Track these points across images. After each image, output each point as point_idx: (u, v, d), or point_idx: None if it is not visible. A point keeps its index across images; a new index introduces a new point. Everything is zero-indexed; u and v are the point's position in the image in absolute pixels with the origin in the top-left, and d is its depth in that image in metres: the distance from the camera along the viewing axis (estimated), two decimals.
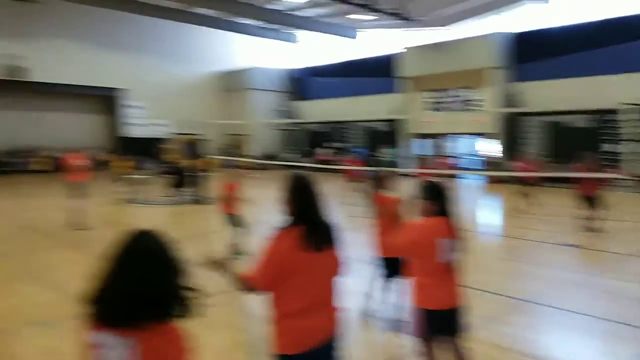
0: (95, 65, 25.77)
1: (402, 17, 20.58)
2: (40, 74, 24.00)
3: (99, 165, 17.52)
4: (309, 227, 2.52)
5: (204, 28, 26.92)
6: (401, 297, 4.66)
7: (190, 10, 24.12)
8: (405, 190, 4.98)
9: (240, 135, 29.43)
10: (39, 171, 23.53)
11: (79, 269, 7.42)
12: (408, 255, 3.49)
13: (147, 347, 1.73)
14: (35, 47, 24.16)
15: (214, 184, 7.64)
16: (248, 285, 2.55)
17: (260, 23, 25.48)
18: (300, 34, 28.66)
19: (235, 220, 7.75)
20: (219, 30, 27.19)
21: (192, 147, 22.50)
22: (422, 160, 16.44)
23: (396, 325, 4.80)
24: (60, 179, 10.68)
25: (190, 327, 1.85)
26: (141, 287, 1.75)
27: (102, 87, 26.41)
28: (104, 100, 27.76)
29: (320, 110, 27.85)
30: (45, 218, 11.52)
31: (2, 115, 24.93)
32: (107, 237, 6.94)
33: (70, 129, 25.97)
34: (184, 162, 15.14)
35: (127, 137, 26.98)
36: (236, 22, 26.07)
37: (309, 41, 29.44)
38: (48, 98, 25.99)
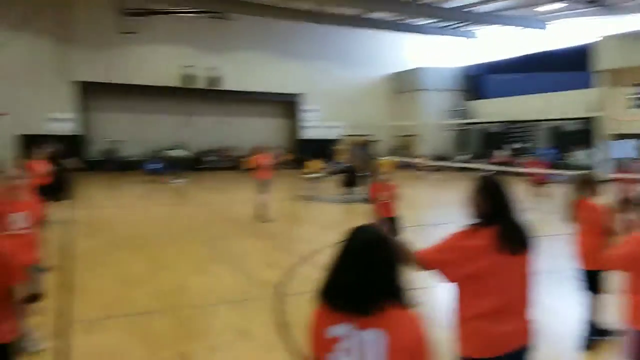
0: (277, 73, 27.95)
1: (599, 4, 18.26)
2: (231, 83, 26.99)
3: (281, 165, 18.87)
4: (505, 227, 2.41)
5: (374, 31, 27.35)
6: (605, 314, 4.14)
7: (363, 16, 24.70)
8: (606, 197, 4.44)
9: (410, 136, 29.21)
10: (229, 168, 26.43)
11: (263, 256, 8.07)
12: (624, 270, 3.05)
13: (391, 335, 1.72)
14: (227, 59, 27.15)
15: (378, 185, 7.51)
16: (418, 261, 2.46)
17: (435, 22, 24.95)
18: (479, 29, 27.33)
19: (389, 223, 7.33)
20: (389, 32, 27.35)
21: (364, 148, 22.96)
22: (623, 164, 14.33)
23: (596, 344, 4.17)
24: (248, 176, 11.66)
25: None
26: (377, 278, 1.77)
27: (283, 93, 28.63)
28: (285, 105, 30.04)
29: (497, 108, 26.13)
30: (235, 210, 12.75)
31: (203, 119, 28.53)
32: (287, 230, 7.41)
33: (256, 132, 28.50)
34: (356, 163, 15.52)
35: (304, 139, 28.82)
36: (410, 24, 25.94)
37: (486, 36, 27.93)
38: (237, 104, 29.02)
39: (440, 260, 2.42)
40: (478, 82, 28.87)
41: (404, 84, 30.25)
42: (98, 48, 24.69)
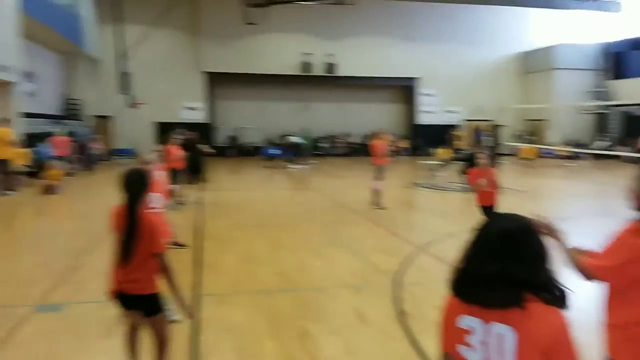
0: (394, 57, 27.45)
1: None
2: (347, 69, 27.10)
3: (398, 151, 18.70)
4: None
5: (498, 7, 25.62)
6: None
7: None
8: None
9: (539, 120, 27.12)
10: (345, 154, 26.74)
11: (379, 243, 8.02)
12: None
13: (521, 332, 1.60)
14: (344, 45, 27.27)
15: (477, 171, 7.04)
16: (586, 270, 2.21)
17: None
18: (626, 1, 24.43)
19: (486, 212, 6.80)
20: (515, 8, 25.46)
21: (487, 133, 21.75)
22: None
23: None
24: (365, 162, 11.65)
25: None
26: (513, 270, 1.62)
27: (400, 78, 28.08)
28: (401, 89, 29.48)
29: None
30: (351, 196, 12.85)
31: (320, 106, 29.09)
32: (403, 217, 7.22)
33: (371, 118, 28.39)
34: (478, 149, 14.77)
35: (420, 125, 28.11)
36: None
37: (632, 9, 24.87)
38: (353, 90, 29.09)
39: (607, 267, 2.17)
40: (620, 59, 25.88)
41: (534, 64, 28.07)
42: (224, 40, 26.21)
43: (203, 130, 23.57)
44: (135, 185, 3.12)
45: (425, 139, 26.01)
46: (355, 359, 3.90)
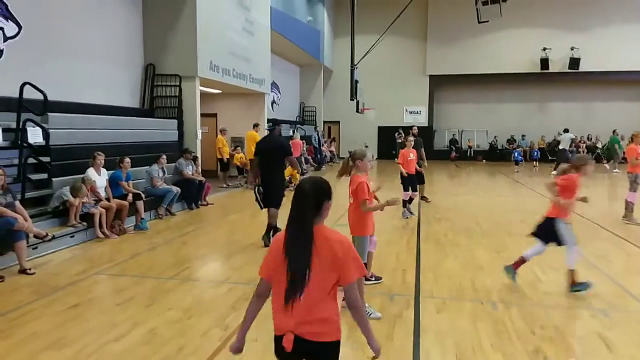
0: None
1: None
2: (592, 64, 23.89)
3: None
4: None
5: None
6: None
7: None
8: None
9: None
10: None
11: (630, 262, 6.76)
12: None
13: None
14: (587, 37, 24.11)
15: None
16: None
17: None
18: None
19: None
20: None
21: None
22: None
23: None
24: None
25: None
26: None
27: None
28: None
29: None
30: (596, 208, 11.18)
31: (558, 106, 26.34)
32: None
33: (620, 118, 24.54)
34: None
35: None
36: None
37: None
38: (598, 87, 25.55)
39: None
40: None
41: None
42: (452, 42, 25.79)
43: (425, 134, 23.67)
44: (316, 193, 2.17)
45: None
46: None
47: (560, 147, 19.12)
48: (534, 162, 22.55)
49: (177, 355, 3.82)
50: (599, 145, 24.94)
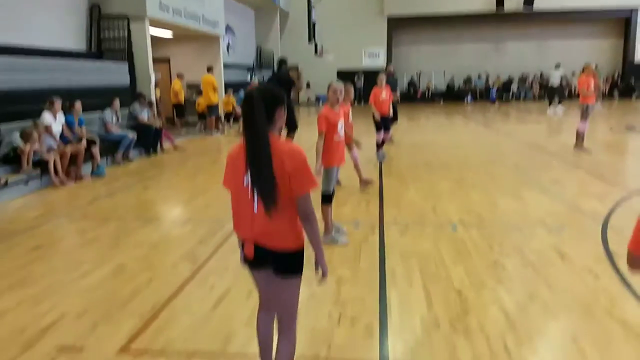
0: None
1: None
2: (545, 2, 24.08)
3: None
4: None
5: None
6: None
7: None
8: None
9: None
10: (540, 97, 24.40)
11: (581, 186, 7.12)
12: None
13: None
14: None
15: None
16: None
17: None
18: None
19: None
20: None
21: None
22: None
23: None
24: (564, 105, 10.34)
25: None
26: None
27: (612, 10, 24.11)
28: (613, 23, 25.36)
29: None
30: (549, 140, 11.68)
31: (513, 46, 26.68)
32: (610, 162, 6.28)
33: (574, 57, 25.13)
34: None
35: (637, 63, 24.09)
36: None
37: None
38: (552, 26, 25.90)
39: None
40: None
41: None
42: None
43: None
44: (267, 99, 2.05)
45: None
46: (556, 294, 3.52)
47: (555, 83, 19.15)
48: (495, 102, 23.03)
49: (147, 287, 3.82)
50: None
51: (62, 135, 8.06)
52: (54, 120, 7.87)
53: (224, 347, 2.91)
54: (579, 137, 9.72)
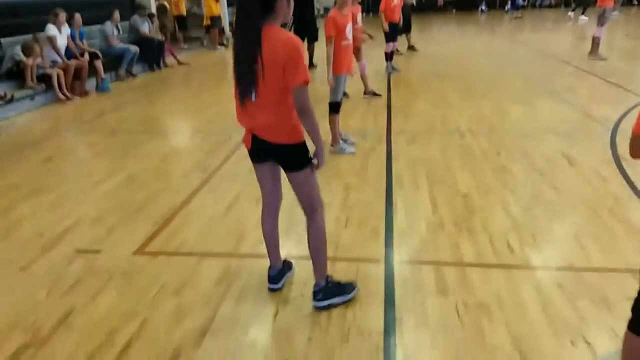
0: None
1: None
2: None
3: None
4: None
5: None
6: None
7: None
8: None
9: None
10: (556, 5, 23.24)
11: (594, 92, 6.96)
12: None
13: None
14: None
15: None
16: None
17: None
18: None
19: None
20: None
21: None
22: None
23: None
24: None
25: None
26: None
27: None
28: None
29: None
30: (564, 48, 11.28)
31: None
32: (624, 68, 6.05)
33: None
34: None
35: None
36: None
37: None
38: None
39: None
40: None
41: None
42: None
43: None
44: None
45: None
46: (562, 196, 3.56)
47: None
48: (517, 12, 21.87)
49: (160, 195, 3.90)
50: None
51: (67, 50, 7.89)
52: (59, 33, 7.66)
53: (235, 248, 3.02)
54: (595, 43, 9.35)
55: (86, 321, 2.35)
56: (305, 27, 8.91)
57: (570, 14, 17.25)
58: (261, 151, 2.19)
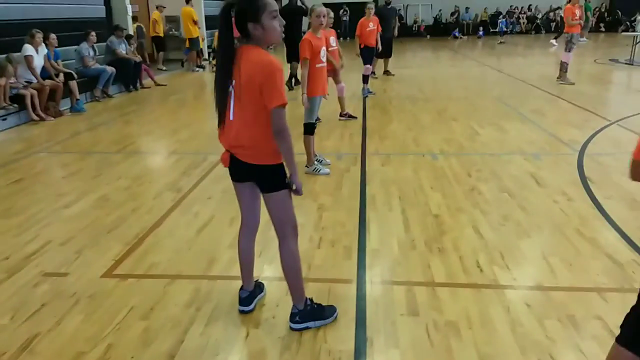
0: None
1: None
2: None
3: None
4: None
5: None
6: None
7: None
8: None
9: None
10: (526, 32, 23.96)
11: (561, 116, 7.17)
12: None
13: None
14: None
15: None
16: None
17: None
18: None
19: None
20: None
21: None
22: None
23: None
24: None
25: None
26: None
27: None
28: None
29: None
30: (533, 72, 11.64)
31: None
32: (591, 92, 6.28)
33: None
34: None
35: None
36: None
37: None
38: None
39: None
40: None
41: None
42: None
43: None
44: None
45: (626, 9, 21.93)
46: (530, 216, 3.64)
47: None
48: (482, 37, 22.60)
49: (131, 216, 3.86)
50: (539, 16, 25.32)
51: (42, 70, 7.81)
52: (36, 54, 7.59)
53: (206, 270, 3.00)
54: (563, 68, 9.68)
55: (50, 346, 2.29)
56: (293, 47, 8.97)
57: (553, 41, 17.86)
58: (239, 171, 2.22)
